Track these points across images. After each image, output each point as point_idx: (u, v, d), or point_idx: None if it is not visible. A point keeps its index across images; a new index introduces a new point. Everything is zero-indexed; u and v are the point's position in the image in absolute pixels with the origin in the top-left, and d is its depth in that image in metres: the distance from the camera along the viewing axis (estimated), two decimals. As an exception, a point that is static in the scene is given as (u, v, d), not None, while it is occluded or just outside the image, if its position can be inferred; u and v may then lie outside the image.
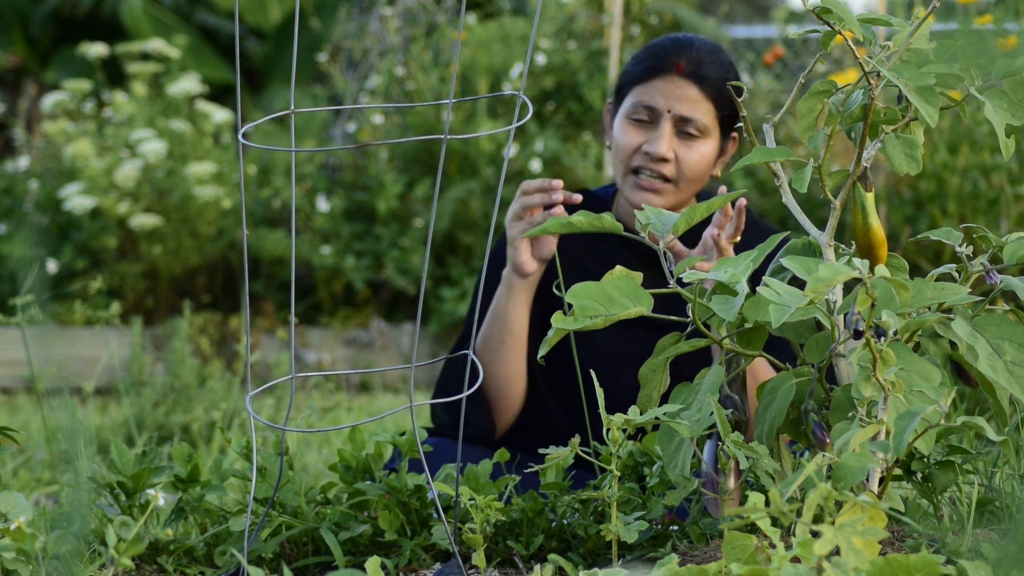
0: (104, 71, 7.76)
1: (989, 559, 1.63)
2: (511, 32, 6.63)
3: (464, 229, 6.19)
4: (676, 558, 1.55)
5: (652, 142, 2.62)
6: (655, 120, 2.64)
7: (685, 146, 2.63)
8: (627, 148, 2.65)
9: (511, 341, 2.64)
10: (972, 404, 3.44)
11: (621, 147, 2.66)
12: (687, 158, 2.63)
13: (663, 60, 2.65)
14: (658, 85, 2.64)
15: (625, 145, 2.65)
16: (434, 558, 2.04)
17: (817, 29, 1.84)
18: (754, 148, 1.86)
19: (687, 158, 2.63)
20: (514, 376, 2.66)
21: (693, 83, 2.63)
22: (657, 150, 2.61)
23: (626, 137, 2.65)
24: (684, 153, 2.63)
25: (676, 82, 2.64)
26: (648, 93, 2.65)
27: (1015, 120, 1.82)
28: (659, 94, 2.64)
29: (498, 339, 2.63)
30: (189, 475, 2.14)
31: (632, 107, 2.66)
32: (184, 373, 4.27)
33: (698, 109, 2.63)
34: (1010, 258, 1.83)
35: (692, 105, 2.63)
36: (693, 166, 2.63)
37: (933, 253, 5.32)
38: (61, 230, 6.32)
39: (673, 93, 2.63)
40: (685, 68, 2.63)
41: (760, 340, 1.87)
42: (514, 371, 2.66)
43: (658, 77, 2.65)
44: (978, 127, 5.31)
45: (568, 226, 1.95)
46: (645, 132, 2.64)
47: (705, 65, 2.65)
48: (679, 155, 2.63)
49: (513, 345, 2.64)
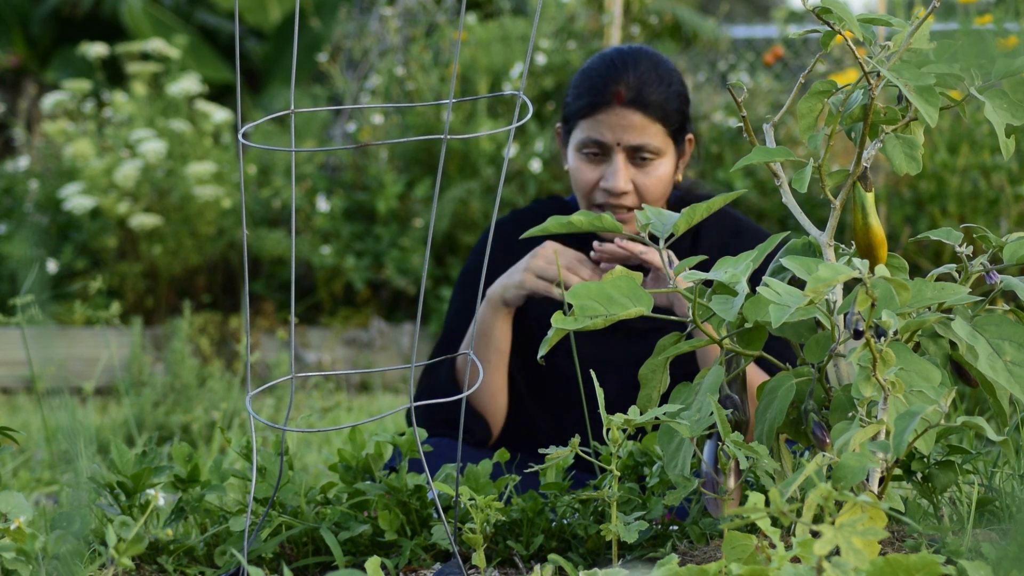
0: (104, 71, 7.76)
1: (989, 559, 1.63)
2: (511, 32, 6.63)
3: (464, 229, 6.19)
4: (676, 558, 1.55)
5: (608, 177, 2.60)
6: (607, 153, 2.62)
7: (643, 172, 2.61)
8: (586, 184, 2.63)
9: (496, 358, 2.66)
10: (972, 404, 3.44)
11: (580, 182, 2.65)
12: (646, 183, 2.61)
13: (602, 92, 2.61)
14: (602, 119, 2.60)
15: (583, 181, 2.64)
16: (434, 558, 2.04)
17: (817, 29, 1.84)
18: (754, 148, 1.86)
19: (646, 183, 2.61)
20: (497, 392, 2.68)
21: (636, 110, 2.59)
22: (615, 186, 2.59)
23: (582, 174, 2.64)
24: (642, 180, 2.61)
25: (619, 113, 2.59)
26: (595, 128, 2.61)
27: (1015, 120, 1.82)
28: (606, 128, 2.60)
29: (483, 357, 2.64)
30: (189, 475, 2.14)
31: (581, 143, 2.63)
32: (184, 373, 4.27)
33: (647, 134, 2.60)
34: (1010, 258, 1.83)
35: (640, 133, 2.60)
36: (653, 189, 2.62)
37: (933, 253, 5.32)
38: (61, 230, 6.32)
39: (619, 125, 2.59)
40: (626, 96, 2.59)
41: (760, 340, 1.87)
42: (498, 387, 2.68)
43: (600, 111, 2.60)
44: (978, 127, 5.31)
45: (568, 226, 1.95)
46: (599, 166, 2.62)
47: (645, 88, 2.60)
48: (637, 183, 2.61)
49: (499, 362, 2.66)
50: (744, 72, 6.95)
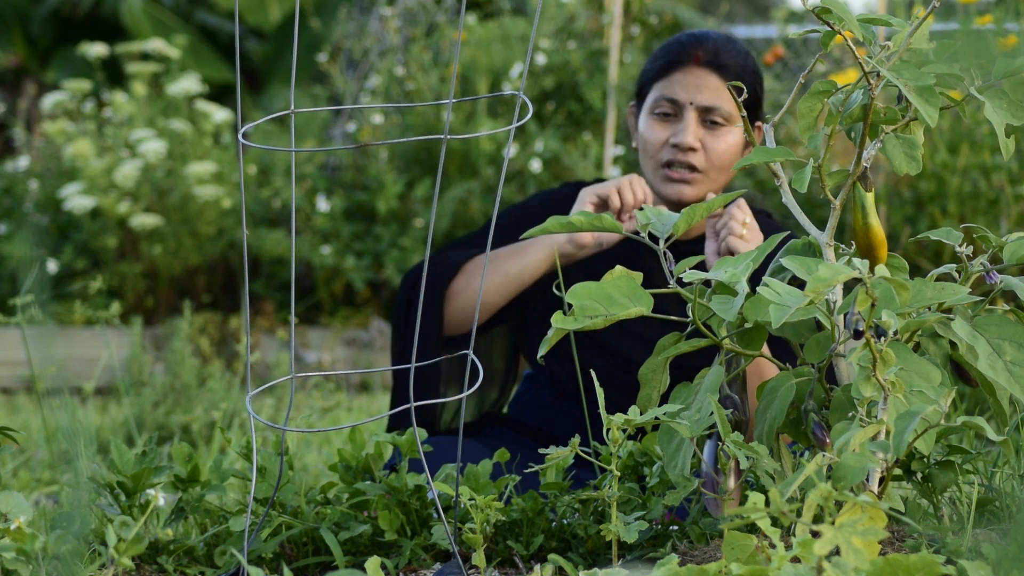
0: (104, 71, 7.76)
1: (989, 559, 1.63)
2: (511, 32, 6.63)
3: (464, 229, 6.19)
4: (676, 558, 1.55)
5: (678, 134, 2.64)
6: (679, 113, 2.66)
7: (712, 135, 2.65)
8: (655, 143, 2.67)
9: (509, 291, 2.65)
10: (972, 404, 3.44)
11: (649, 143, 2.68)
12: (715, 147, 2.65)
13: (680, 53, 2.68)
14: (678, 78, 2.67)
15: (652, 140, 2.67)
16: (434, 558, 2.04)
17: (817, 29, 1.84)
18: (754, 148, 1.86)
19: (715, 147, 2.65)
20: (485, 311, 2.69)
21: (712, 72, 2.66)
22: (684, 140, 2.63)
23: (652, 132, 2.68)
24: (711, 142, 2.65)
25: (696, 72, 2.66)
26: (669, 87, 2.67)
27: (1015, 120, 1.82)
28: (680, 86, 2.66)
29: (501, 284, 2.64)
30: (189, 475, 2.14)
31: (655, 102, 2.69)
32: (184, 373, 4.27)
33: (720, 97, 2.66)
34: (1010, 258, 1.83)
35: (714, 94, 2.65)
36: (721, 154, 2.66)
37: (933, 253, 5.32)
38: (61, 230, 6.32)
39: (694, 84, 2.66)
40: (703, 58, 2.66)
41: (760, 340, 1.87)
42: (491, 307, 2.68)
43: (677, 70, 2.67)
44: (978, 127, 5.31)
45: (568, 226, 1.95)
46: (671, 125, 2.67)
47: (722, 54, 2.67)
48: (706, 144, 2.65)
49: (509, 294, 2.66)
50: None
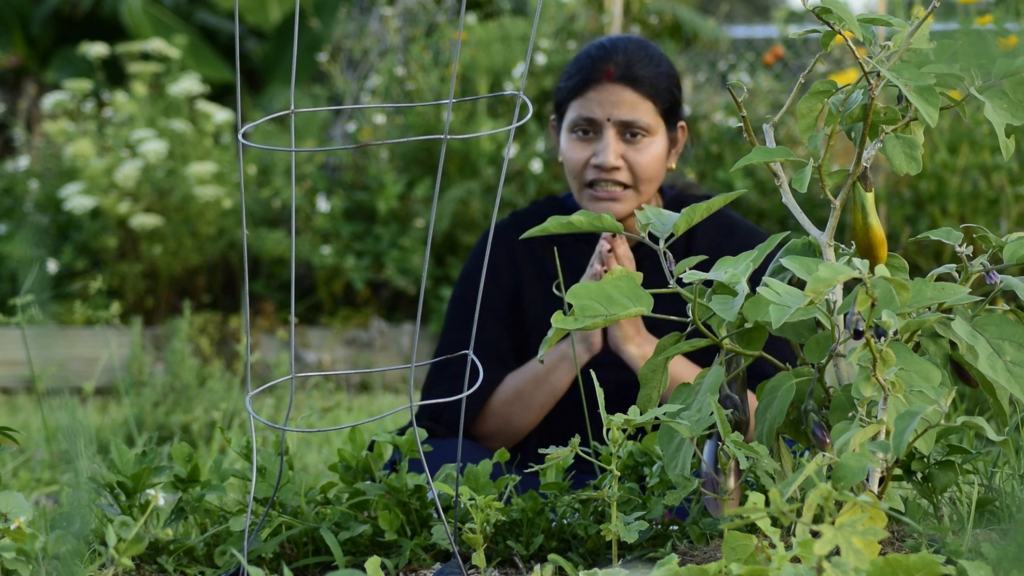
0: (104, 71, 7.75)
1: (989, 559, 1.63)
2: (511, 32, 6.63)
3: (464, 229, 6.19)
4: (676, 558, 1.55)
5: (599, 154, 2.64)
6: (598, 131, 2.66)
7: (634, 149, 2.65)
8: (577, 163, 2.67)
9: (551, 403, 2.67)
10: (972, 404, 3.44)
11: (571, 163, 2.68)
12: (638, 160, 2.64)
13: (592, 71, 2.66)
14: (592, 96, 2.66)
15: (575, 160, 2.67)
16: (434, 558, 2.04)
17: (817, 29, 1.84)
18: (754, 148, 1.86)
19: (638, 160, 2.64)
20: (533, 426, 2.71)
21: (626, 86, 2.65)
22: (606, 161, 2.63)
23: (574, 153, 2.67)
24: (634, 156, 2.64)
25: (609, 89, 2.65)
26: (585, 106, 2.66)
27: (1015, 120, 1.82)
28: (595, 104, 2.65)
29: (540, 402, 2.66)
30: (189, 475, 2.14)
31: (573, 122, 2.68)
32: (184, 373, 4.27)
33: (637, 110, 2.64)
34: (1010, 258, 1.83)
35: (631, 108, 2.64)
36: (646, 167, 2.65)
37: (933, 253, 5.32)
38: (61, 230, 6.32)
39: (608, 100, 2.64)
40: (615, 73, 2.65)
41: (760, 340, 1.87)
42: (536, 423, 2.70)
43: (591, 88, 2.66)
44: (978, 127, 5.31)
45: (568, 226, 1.95)
46: (591, 144, 2.66)
47: (634, 65, 2.65)
48: (629, 159, 2.64)
49: (551, 407, 2.68)
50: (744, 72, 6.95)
